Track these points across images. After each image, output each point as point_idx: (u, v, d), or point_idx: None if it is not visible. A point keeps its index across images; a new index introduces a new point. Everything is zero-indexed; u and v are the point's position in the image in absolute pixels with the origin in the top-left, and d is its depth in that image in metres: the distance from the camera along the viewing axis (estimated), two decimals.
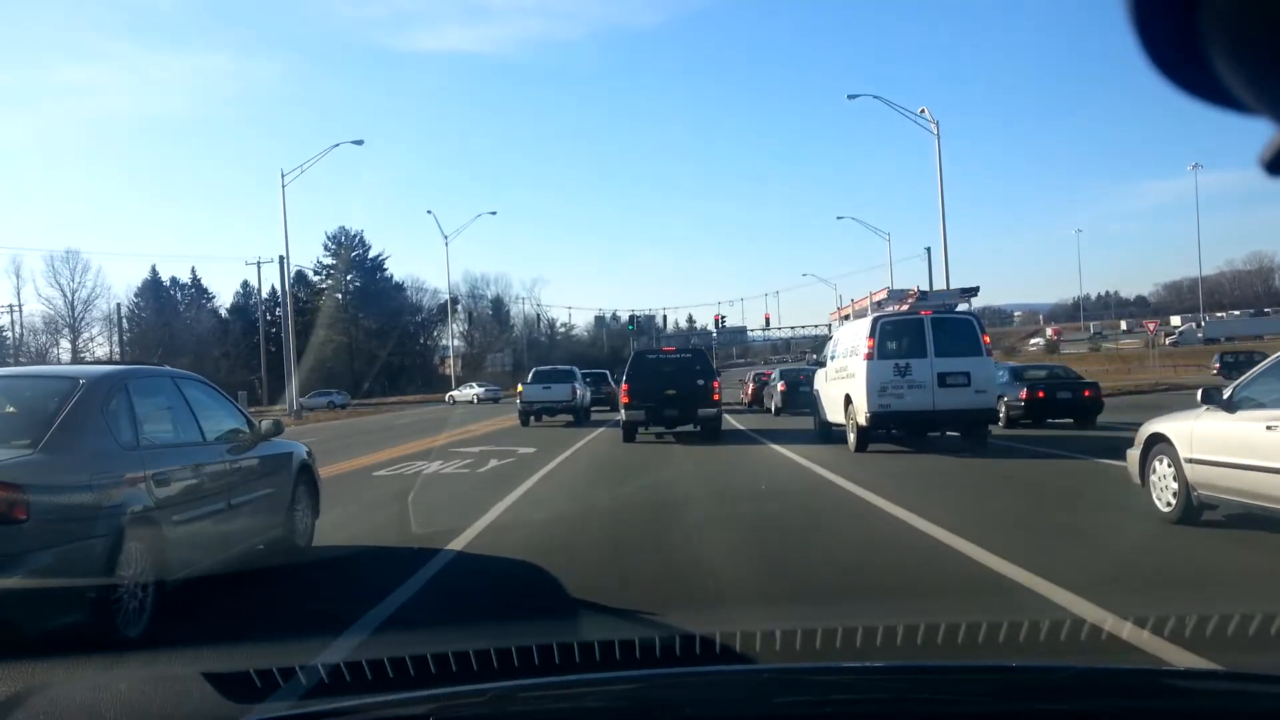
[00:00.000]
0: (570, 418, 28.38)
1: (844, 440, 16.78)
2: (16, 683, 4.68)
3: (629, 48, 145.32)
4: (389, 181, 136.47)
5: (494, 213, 69.22)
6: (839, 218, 60.43)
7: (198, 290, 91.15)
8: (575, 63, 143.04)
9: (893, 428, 16.11)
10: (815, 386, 20.17)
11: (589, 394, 31.27)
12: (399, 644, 4.50)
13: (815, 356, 30.87)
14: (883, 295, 23.84)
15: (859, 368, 15.78)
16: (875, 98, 33.47)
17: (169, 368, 7.82)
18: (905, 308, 20.59)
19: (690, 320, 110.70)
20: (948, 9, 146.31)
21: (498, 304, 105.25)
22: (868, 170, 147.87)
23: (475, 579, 7.05)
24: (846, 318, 26.54)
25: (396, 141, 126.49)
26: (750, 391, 38.00)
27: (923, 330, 15.67)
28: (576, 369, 31.99)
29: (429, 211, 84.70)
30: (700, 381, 19.75)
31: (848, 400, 16.37)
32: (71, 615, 4.99)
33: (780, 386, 29.74)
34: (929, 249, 48.25)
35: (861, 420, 15.53)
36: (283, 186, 44.22)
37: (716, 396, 19.90)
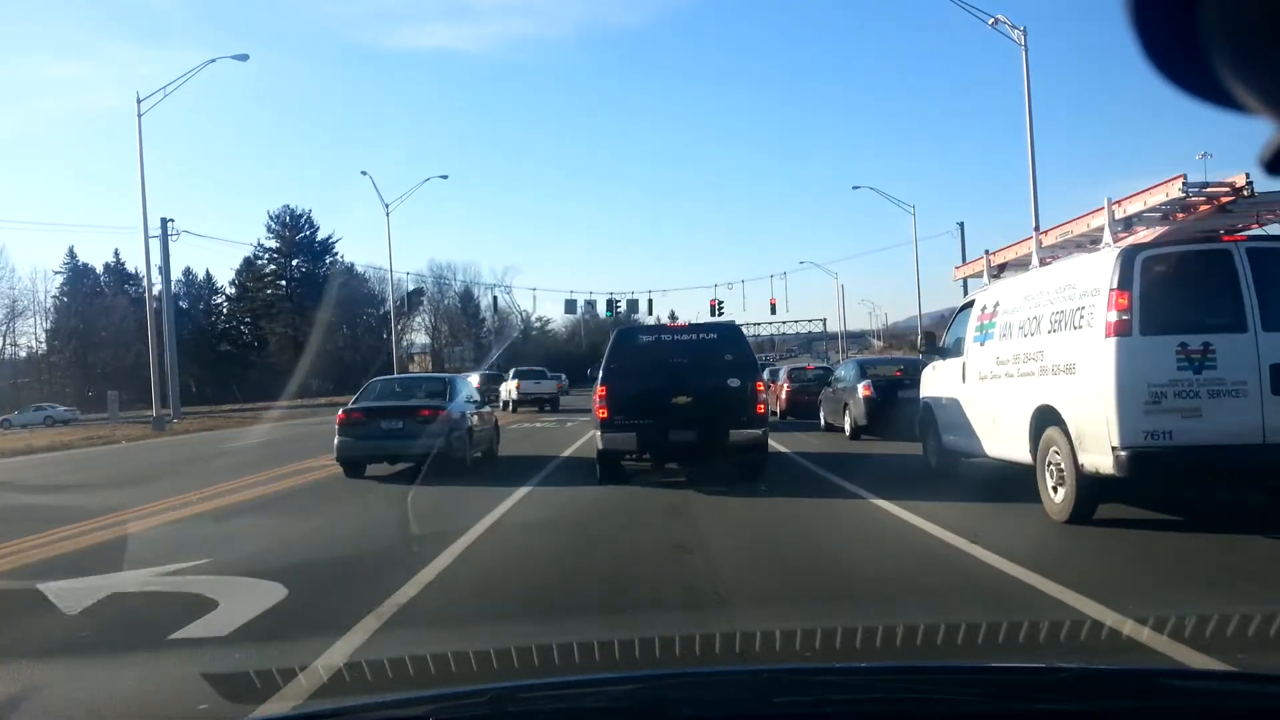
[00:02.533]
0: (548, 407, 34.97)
1: (1005, 490, 9.47)
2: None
3: (613, 46, 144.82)
4: (370, 175, 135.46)
5: (445, 176, 59.67)
6: (855, 188, 53.97)
7: (121, 277, 79.37)
8: (558, 60, 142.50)
9: (1179, 478, 8.05)
10: (930, 392, 12.15)
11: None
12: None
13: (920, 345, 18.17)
14: (1164, 194, 9.18)
15: (1092, 352, 7.90)
16: None
17: (449, 374, 19.28)
18: (1162, 229, 9.29)
19: (672, 317, 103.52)
20: (936, 8, 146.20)
21: (467, 295, 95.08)
22: (864, 161, 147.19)
23: None
24: (1002, 268, 12.75)
25: (379, 136, 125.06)
26: (784, 396, 25.30)
27: (1234, 273, 7.66)
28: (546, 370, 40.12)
29: (364, 173, 68.41)
30: (734, 382, 11.68)
31: (1044, 420, 8.46)
32: (459, 456, 13.83)
33: (864, 390, 18.03)
34: (961, 223, 44.39)
35: (1102, 464, 7.64)
36: (139, 115, 33.88)
37: (762, 408, 11.89)
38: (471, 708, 2.01)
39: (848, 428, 18.78)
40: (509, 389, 36.09)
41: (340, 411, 14.42)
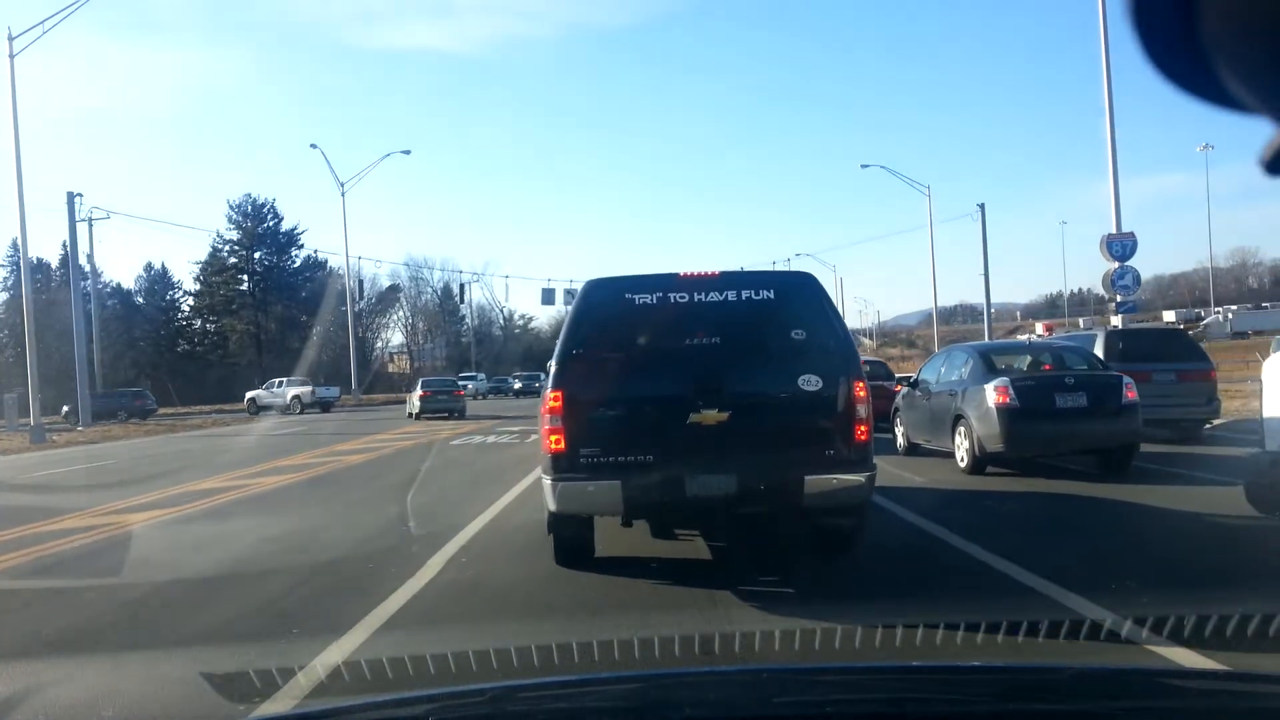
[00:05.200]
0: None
1: None
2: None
3: (603, 45, 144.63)
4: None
5: (408, 152, 54.60)
6: (864, 166, 48.31)
7: (68, 271, 68.79)
8: (546, 58, 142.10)
9: None
10: None
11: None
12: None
13: None
14: None
15: None
16: None
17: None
18: None
19: None
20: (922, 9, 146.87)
21: (446, 293, 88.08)
22: (866, 149, 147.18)
23: None
24: None
25: (362, 135, 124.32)
26: None
27: None
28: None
29: (313, 145, 56.39)
30: (810, 382, 6.41)
31: None
32: (463, 410, 35.19)
33: (997, 396, 11.53)
34: (982, 205, 41.95)
35: None
36: (11, 56, 27.84)
37: (864, 431, 6.39)
38: (471, 708, 2.01)
39: (963, 454, 12.04)
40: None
41: (420, 390, 34.95)
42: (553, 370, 6.59)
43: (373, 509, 10.60)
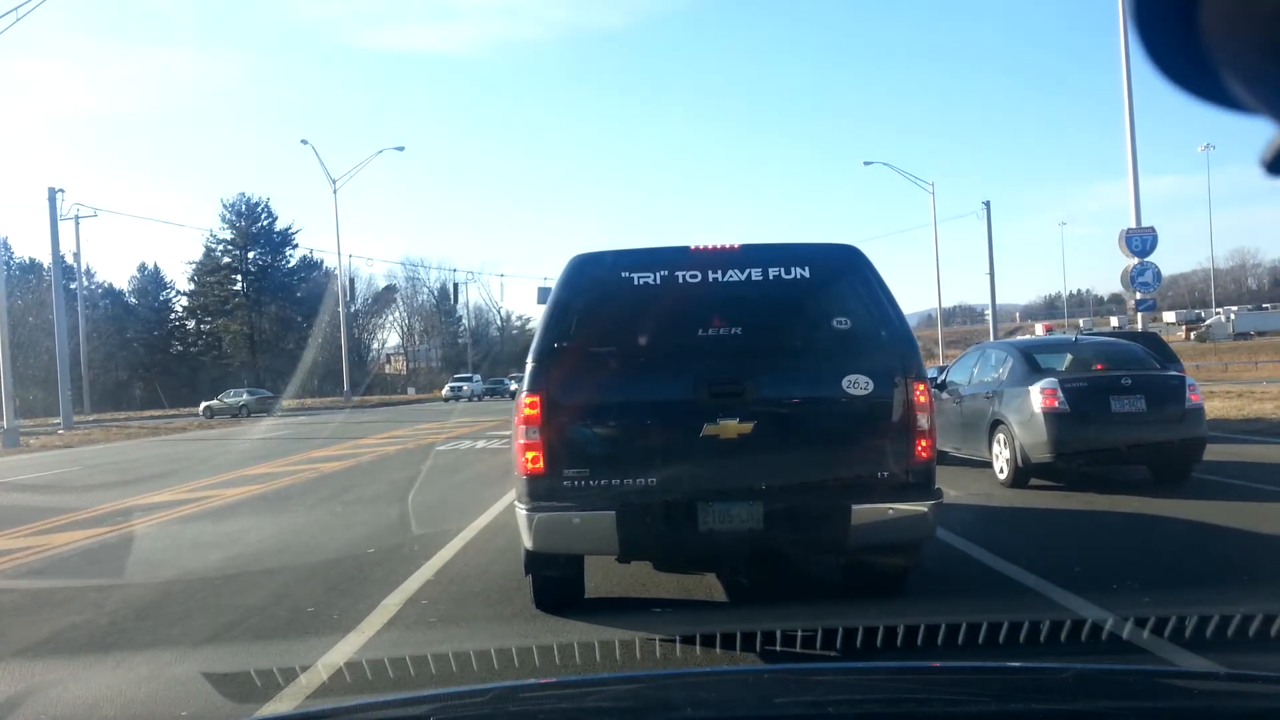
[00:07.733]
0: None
1: None
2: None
3: (596, 48, 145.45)
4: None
5: (401, 148, 52.34)
6: (867, 163, 45.95)
7: (63, 272, 54.95)
8: (543, 59, 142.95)
9: None
10: None
11: None
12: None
13: None
14: None
15: None
16: None
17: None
18: None
19: None
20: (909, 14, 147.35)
21: (443, 293, 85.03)
22: (867, 145, 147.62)
23: None
24: None
25: (359, 136, 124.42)
26: None
27: None
28: None
29: (304, 141, 58.40)
30: (857, 384, 5.18)
31: None
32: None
33: (1044, 400, 10.31)
34: (988, 203, 41.72)
35: None
36: None
37: (925, 447, 5.20)
38: (471, 708, 2.02)
39: (1003, 465, 10.79)
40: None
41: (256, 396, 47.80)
42: (529, 369, 5.30)
43: (325, 533, 8.98)
